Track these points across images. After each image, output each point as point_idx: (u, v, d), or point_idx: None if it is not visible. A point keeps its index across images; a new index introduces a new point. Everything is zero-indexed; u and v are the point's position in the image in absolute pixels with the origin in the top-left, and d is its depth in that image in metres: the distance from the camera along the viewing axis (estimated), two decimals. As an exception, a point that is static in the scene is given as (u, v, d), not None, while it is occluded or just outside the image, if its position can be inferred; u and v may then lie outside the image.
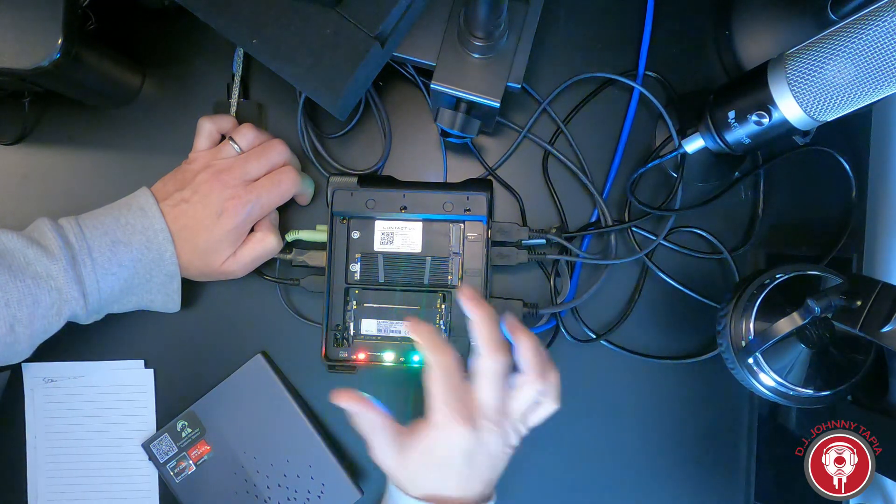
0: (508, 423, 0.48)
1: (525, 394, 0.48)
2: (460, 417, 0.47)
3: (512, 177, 0.61)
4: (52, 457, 0.60)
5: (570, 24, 0.61)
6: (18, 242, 0.49)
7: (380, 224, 0.58)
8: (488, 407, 0.47)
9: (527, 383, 0.48)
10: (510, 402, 0.48)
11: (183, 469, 0.59)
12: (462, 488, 0.48)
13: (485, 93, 0.52)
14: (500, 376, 0.47)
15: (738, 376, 0.51)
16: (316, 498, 0.59)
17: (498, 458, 0.49)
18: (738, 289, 0.51)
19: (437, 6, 0.53)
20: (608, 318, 0.61)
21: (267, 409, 0.59)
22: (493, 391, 0.47)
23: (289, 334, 0.60)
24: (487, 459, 0.48)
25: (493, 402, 0.47)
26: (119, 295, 0.52)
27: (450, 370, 0.47)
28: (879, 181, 0.61)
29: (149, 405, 0.60)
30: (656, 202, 0.59)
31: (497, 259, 0.58)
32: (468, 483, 0.48)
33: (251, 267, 0.56)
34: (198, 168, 0.54)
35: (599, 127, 0.61)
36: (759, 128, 0.48)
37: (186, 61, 0.61)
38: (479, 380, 0.48)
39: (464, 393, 0.48)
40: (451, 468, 0.48)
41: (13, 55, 0.47)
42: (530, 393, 0.48)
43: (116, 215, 0.52)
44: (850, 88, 0.43)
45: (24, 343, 0.49)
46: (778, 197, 0.60)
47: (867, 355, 0.47)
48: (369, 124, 0.61)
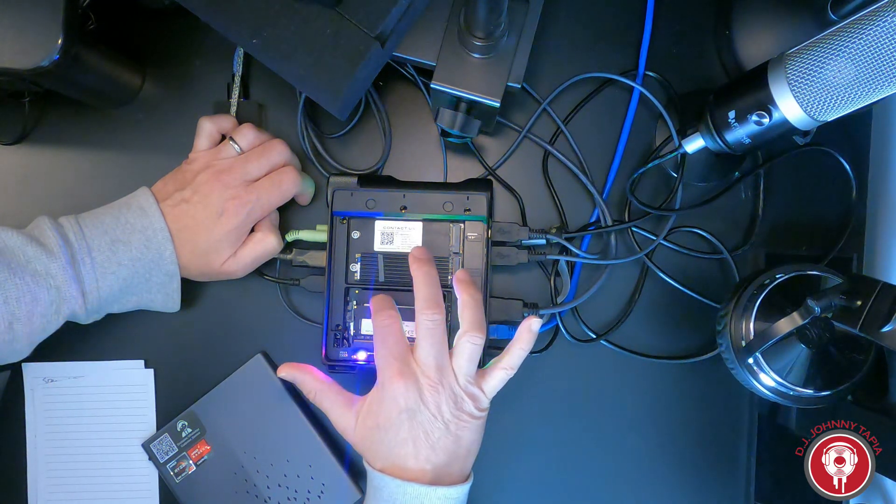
0: (452, 380, 0.49)
1: (461, 347, 0.49)
2: (398, 374, 0.48)
3: (512, 177, 0.61)
4: (52, 457, 0.60)
5: (570, 24, 0.61)
6: (18, 240, 0.49)
7: (380, 224, 0.58)
8: (426, 365, 0.49)
9: (462, 336, 0.49)
10: (452, 358, 0.49)
11: (183, 469, 0.59)
12: (417, 457, 0.48)
13: (485, 93, 0.52)
14: (436, 332, 0.49)
15: (738, 376, 0.51)
16: (316, 498, 0.59)
17: (452, 423, 0.49)
18: (738, 289, 0.51)
19: (437, 6, 0.53)
20: (608, 318, 0.61)
21: (267, 409, 0.59)
22: (428, 347, 0.49)
23: (289, 334, 0.60)
24: (434, 421, 0.48)
25: (431, 360, 0.49)
26: (119, 294, 0.52)
27: (391, 330, 0.50)
28: (879, 181, 0.61)
29: (149, 405, 0.60)
30: (656, 202, 0.59)
31: (497, 259, 0.58)
32: (422, 450, 0.48)
33: (251, 267, 0.57)
34: (198, 168, 0.54)
35: (599, 127, 0.61)
36: (759, 128, 0.48)
37: (186, 61, 0.61)
38: (417, 339, 0.49)
39: (406, 352, 0.49)
40: (399, 429, 0.48)
41: (13, 55, 0.47)
42: (466, 346, 0.49)
43: (116, 214, 0.52)
44: (850, 88, 0.43)
45: (22, 341, 0.49)
46: (778, 197, 0.60)
47: (867, 355, 0.47)
48: (369, 124, 0.61)
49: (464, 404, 0.49)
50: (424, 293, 0.50)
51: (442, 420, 0.49)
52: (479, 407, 0.50)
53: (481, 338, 0.49)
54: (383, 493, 0.48)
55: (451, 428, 0.49)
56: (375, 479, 0.49)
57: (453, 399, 0.49)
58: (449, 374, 0.49)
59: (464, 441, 0.49)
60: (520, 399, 0.61)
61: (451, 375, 0.49)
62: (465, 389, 0.49)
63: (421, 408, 0.48)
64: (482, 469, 0.59)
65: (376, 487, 0.49)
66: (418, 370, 0.49)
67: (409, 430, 0.48)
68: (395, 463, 0.49)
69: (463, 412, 0.49)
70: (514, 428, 0.61)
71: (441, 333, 0.49)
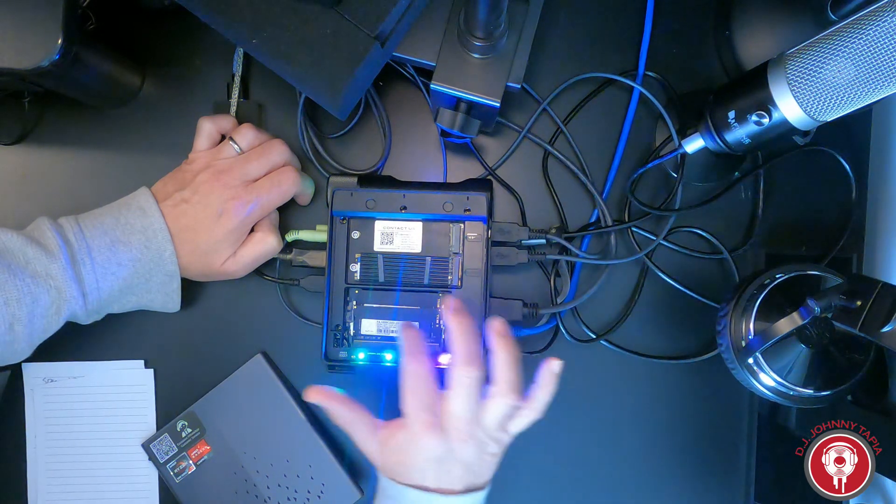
0: (482, 433, 0.49)
1: (496, 406, 0.48)
2: (429, 427, 0.48)
3: (512, 177, 0.61)
4: (52, 457, 0.60)
5: (570, 24, 0.61)
6: (18, 241, 0.49)
7: (380, 224, 0.58)
8: (458, 418, 0.48)
9: (497, 395, 0.48)
10: (482, 413, 0.48)
11: (183, 469, 0.59)
12: (442, 484, 0.49)
13: (485, 93, 0.52)
14: (472, 389, 0.48)
15: (738, 376, 0.51)
16: (316, 498, 0.59)
17: (475, 464, 0.49)
18: (738, 289, 0.51)
19: (437, 6, 0.53)
20: (608, 318, 0.61)
21: (267, 409, 0.59)
22: (463, 403, 0.48)
23: (289, 334, 0.60)
24: (463, 466, 0.49)
25: (464, 413, 0.48)
26: (119, 294, 0.52)
27: (422, 378, 0.48)
28: (879, 181, 0.61)
29: (149, 405, 0.60)
30: (656, 202, 0.59)
31: (497, 259, 0.58)
32: (448, 484, 0.49)
33: (251, 267, 0.56)
34: (198, 168, 0.54)
35: (599, 127, 0.61)
36: (759, 128, 0.48)
37: (186, 61, 0.61)
38: (450, 391, 0.48)
39: (435, 402, 0.48)
40: (426, 471, 0.48)
41: (13, 55, 0.47)
42: (500, 406, 0.48)
43: (116, 215, 0.52)
44: (850, 88, 0.43)
45: (23, 342, 0.49)
46: (778, 197, 0.60)
47: (867, 355, 0.47)
48: (369, 124, 0.61)
49: (488, 448, 0.49)
50: (463, 349, 0.48)
51: (465, 463, 0.49)
52: (502, 447, 0.50)
53: (518, 402, 0.48)
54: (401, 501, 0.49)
55: (474, 468, 0.49)
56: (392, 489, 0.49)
57: (479, 446, 0.49)
58: (478, 427, 0.48)
59: (484, 473, 0.50)
60: (520, 399, 0.61)
61: (480, 428, 0.49)
62: (491, 436, 0.49)
63: (448, 456, 0.48)
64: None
65: (392, 497, 0.49)
66: (449, 422, 0.48)
67: (434, 471, 0.48)
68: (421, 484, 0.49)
69: (486, 454, 0.49)
70: (514, 428, 0.61)
71: (477, 390, 0.48)
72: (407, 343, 0.50)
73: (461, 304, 0.50)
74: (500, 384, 0.48)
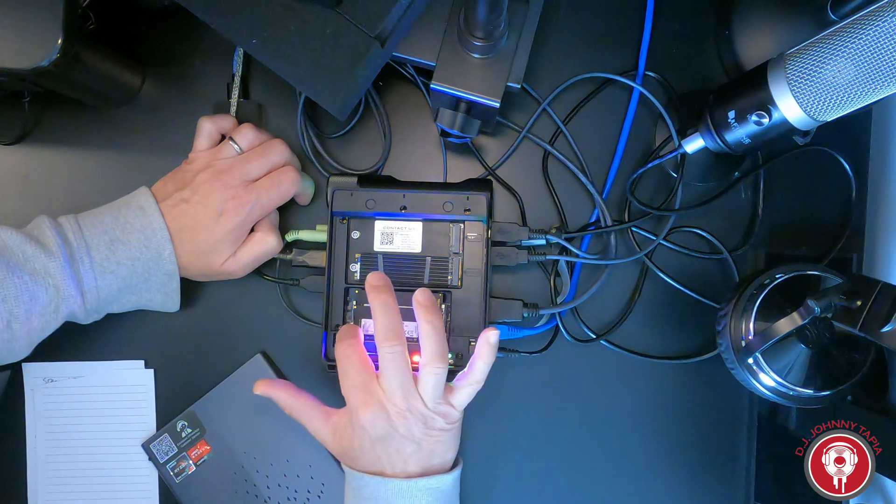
0: (421, 405, 0.49)
1: (425, 375, 0.49)
2: (363, 404, 0.49)
3: (512, 177, 0.61)
4: (52, 457, 0.60)
5: (570, 25, 0.61)
6: (17, 238, 0.49)
7: (380, 224, 0.58)
8: (392, 393, 0.49)
9: (424, 365, 0.49)
10: (418, 386, 0.49)
11: (183, 469, 0.59)
12: (394, 468, 0.50)
13: (485, 93, 0.52)
14: (398, 361, 0.49)
15: (738, 376, 0.51)
16: (316, 498, 0.59)
17: (424, 441, 0.50)
18: (738, 289, 0.51)
19: (437, 6, 0.53)
20: (608, 318, 0.61)
21: (267, 409, 0.59)
22: (392, 377, 0.49)
23: (289, 334, 0.60)
24: (412, 445, 0.49)
25: (396, 388, 0.49)
26: (118, 294, 0.52)
27: (355, 360, 0.50)
28: (879, 181, 0.61)
29: (149, 405, 0.60)
30: (656, 202, 0.59)
31: (497, 259, 0.58)
32: (398, 465, 0.50)
33: (251, 267, 0.56)
34: (198, 168, 0.54)
35: (599, 127, 0.61)
36: (759, 128, 0.48)
37: (186, 61, 0.61)
38: (381, 369, 0.49)
39: (370, 381, 0.50)
40: (371, 452, 0.50)
41: (13, 55, 0.47)
42: (430, 375, 0.49)
43: (115, 214, 0.52)
44: (850, 88, 0.43)
45: (21, 341, 0.49)
46: (778, 197, 0.60)
47: (867, 355, 0.47)
48: (369, 124, 0.61)
49: (434, 422, 0.50)
50: (383, 324, 0.49)
51: (413, 440, 0.50)
52: (450, 421, 0.51)
53: (443, 367, 0.49)
54: (363, 493, 0.49)
55: (424, 445, 0.50)
56: (354, 480, 0.50)
57: (423, 420, 0.49)
58: (415, 399, 0.49)
59: (438, 451, 0.51)
60: (520, 399, 0.61)
61: (418, 400, 0.49)
62: (434, 410, 0.50)
63: (391, 433, 0.49)
64: (482, 469, 0.60)
65: (355, 488, 0.50)
66: (384, 398, 0.49)
67: (384, 451, 0.50)
68: (380, 470, 0.50)
69: (433, 429, 0.50)
70: (513, 427, 0.61)
71: (403, 361, 0.49)
72: (339, 332, 0.52)
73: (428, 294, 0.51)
74: (425, 354, 0.49)
